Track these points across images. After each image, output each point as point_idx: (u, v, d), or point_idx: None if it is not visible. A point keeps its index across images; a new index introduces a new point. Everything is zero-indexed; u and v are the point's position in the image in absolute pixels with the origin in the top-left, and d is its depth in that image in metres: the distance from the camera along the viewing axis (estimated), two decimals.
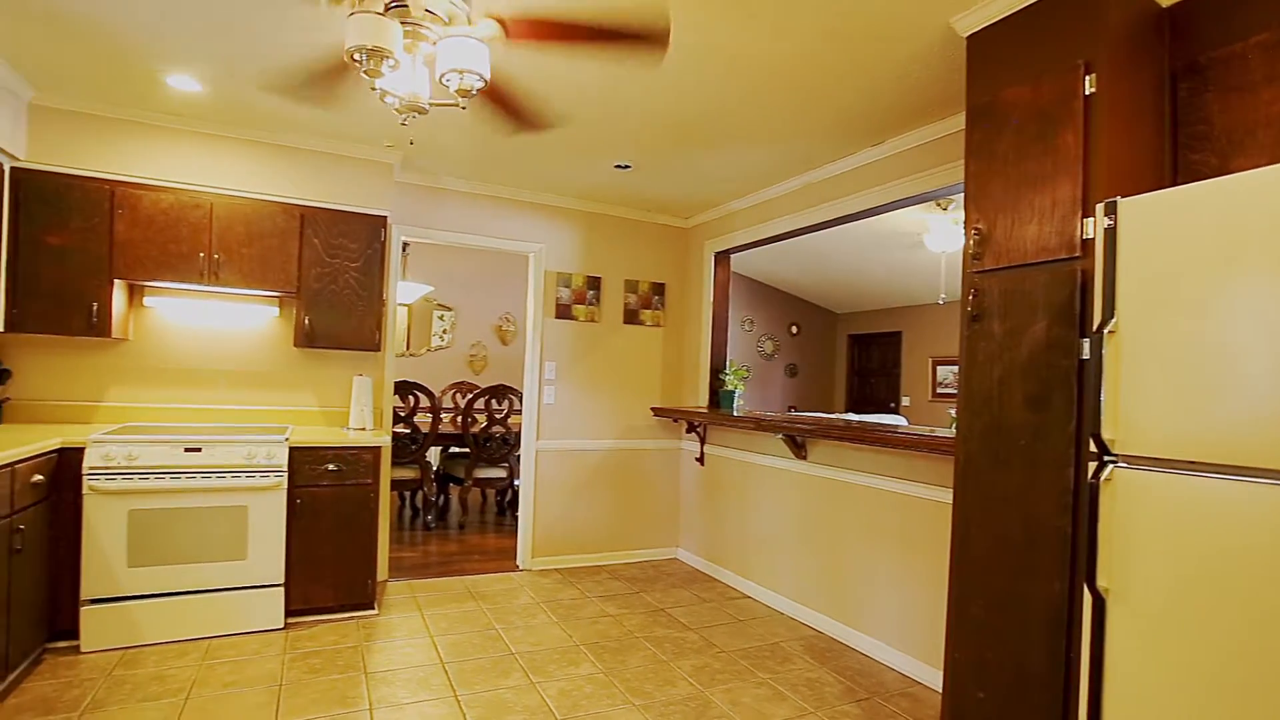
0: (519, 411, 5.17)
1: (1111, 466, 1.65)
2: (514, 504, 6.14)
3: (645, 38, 2.35)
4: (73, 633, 2.98)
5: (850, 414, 8.23)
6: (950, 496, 2.75)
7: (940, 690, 2.73)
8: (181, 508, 3.11)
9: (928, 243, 5.60)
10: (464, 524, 5.81)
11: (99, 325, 3.30)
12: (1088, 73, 1.87)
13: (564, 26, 2.23)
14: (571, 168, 4.03)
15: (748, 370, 4.96)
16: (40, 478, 2.77)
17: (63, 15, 2.49)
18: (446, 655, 3.14)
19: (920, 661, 3.07)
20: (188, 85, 3.04)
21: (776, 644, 3.43)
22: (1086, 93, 1.86)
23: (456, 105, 2.04)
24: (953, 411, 2.75)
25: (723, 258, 4.91)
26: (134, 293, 3.62)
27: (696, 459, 4.83)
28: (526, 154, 3.82)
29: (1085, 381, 1.81)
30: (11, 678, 2.64)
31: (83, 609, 2.97)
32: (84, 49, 2.77)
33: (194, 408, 3.76)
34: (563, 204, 4.73)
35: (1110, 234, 1.68)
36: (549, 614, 3.74)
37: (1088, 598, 1.67)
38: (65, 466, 2.96)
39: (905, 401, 8.53)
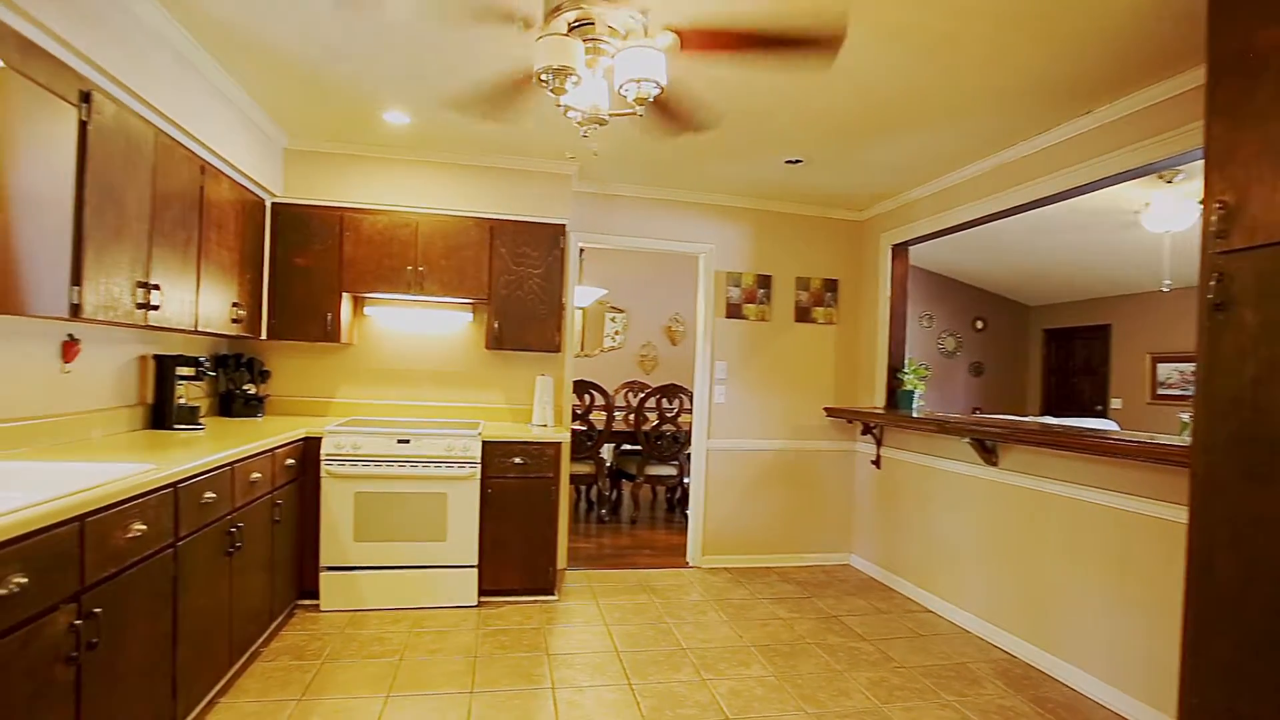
0: (689, 410, 5.24)
1: None
2: (684, 501, 6.23)
3: (818, 43, 2.30)
4: (314, 593, 3.48)
5: (1047, 417, 7.41)
6: (1180, 514, 2.40)
7: None
8: (394, 492, 3.52)
9: (1145, 222, 4.90)
10: (635, 519, 6.00)
11: (332, 332, 3.84)
12: None
13: (738, 36, 2.23)
14: (741, 166, 4.02)
15: (928, 369, 4.65)
16: (291, 461, 3.28)
17: (316, 77, 2.99)
18: (621, 644, 3.26)
19: (1138, 701, 2.70)
20: (399, 119, 3.45)
21: (963, 664, 3.19)
22: None
23: (634, 113, 2.12)
24: (1184, 416, 2.38)
25: (900, 250, 4.64)
26: (357, 303, 4.16)
27: (872, 462, 4.61)
28: (695, 156, 3.87)
29: None
30: (273, 626, 3.15)
31: (322, 574, 3.47)
32: (326, 101, 3.26)
33: (403, 404, 4.25)
34: (732, 203, 4.73)
35: None
36: (719, 612, 3.76)
37: None
38: (308, 453, 3.47)
39: (1115, 404, 7.51)
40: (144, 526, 1.94)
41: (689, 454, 4.96)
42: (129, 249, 2.39)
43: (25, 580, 1.47)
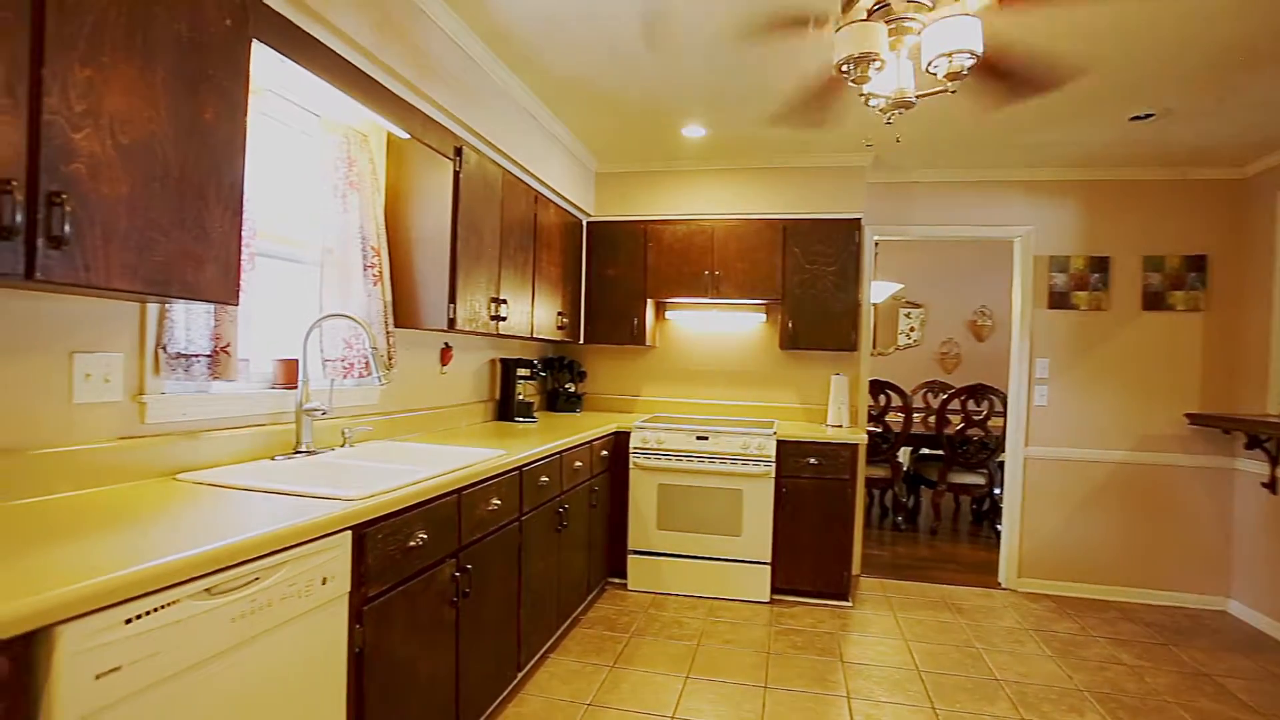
0: (1000, 414, 4.70)
1: None
2: (993, 514, 5.59)
3: None
4: (622, 573, 3.85)
5: None
6: None
7: None
8: (694, 486, 3.73)
9: None
10: (936, 529, 5.54)
11: (638, 335, 4.22)
12: None
13: None
14: (1065, 132, 3.46)
15: None
16: (605, 453, 3.68)
17: (625, 108, 3.33)
18: (921, 663, 3.04)
19: None
20: (696, 132, 3.64)
21: None
22: None
23: (945, 90, 1.96)
24: None
25: None
26: (659, 308, 4.51)
27: (1264, 484, 3.63)
28: (1010, 127, 3.42)
29: None
30: (590, 598, 3.57)
31: (629, 556, 3.82)
32: (632, 126, 3.59)
33: (700, 402, 4.48)
34: (1054, 177, 4.10)
35: None
36: (1040, 645, 3.29)
37: None
38: (618, 445, 3.84)
39: None
40: (499, 501, 2.33)
41: (1001, 462, 4.43)
42: (485, 271, 2.89)
43: (426, 536, 1.87)
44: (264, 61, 1.86)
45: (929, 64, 1.91)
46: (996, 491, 5.09)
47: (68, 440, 1.58)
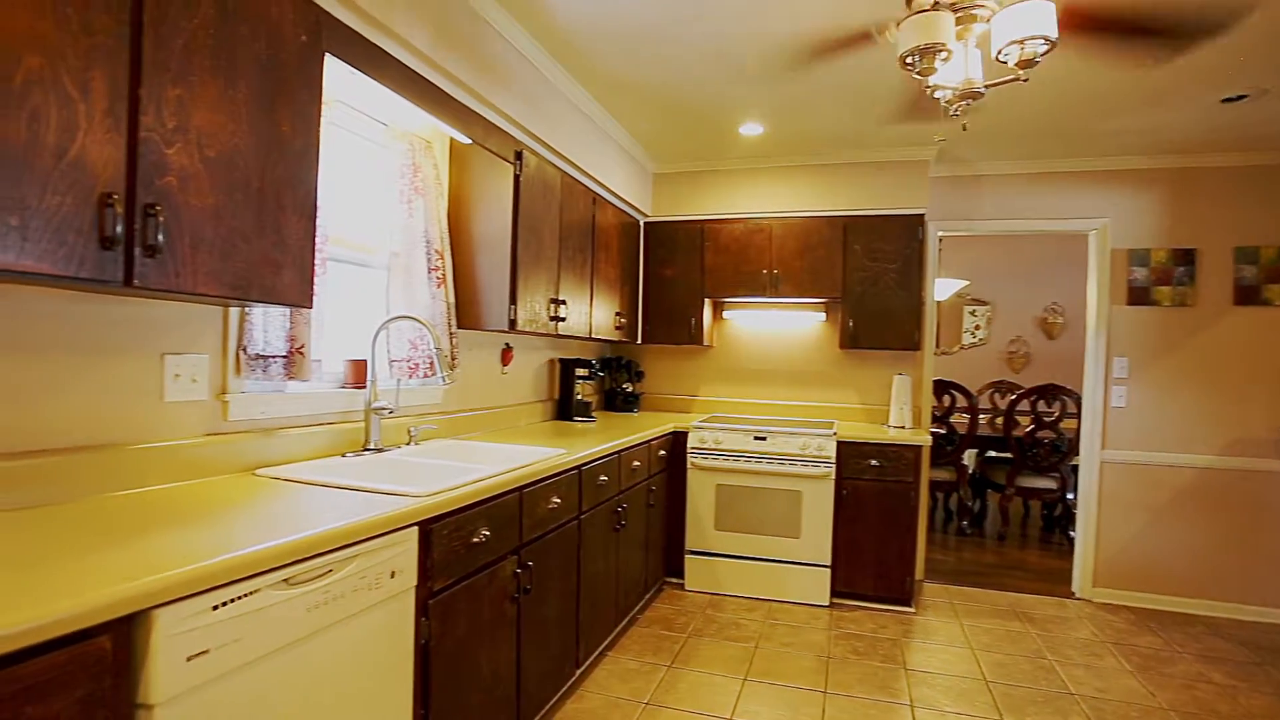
0: (1073, 415, 4.49)
1: None
2: (1064, 520, 5.35)
3: None
4: (679, 573, 3.85)
5: None
6: None
7: None
8: (751, 486, 3.69)
9: None
10: (1004, 535, 5.34)
11: (695, 335, 4.20)
12: None
13: None
14: (1150, 118, 3.27)
15: None
16: (663, 452, 3.68)
17: (682, 109, 3.33)
18: (989, 673, 2.93)
19: None
20: (753, 130, 3.61)
21: None
22: None
23: (1017, 79, 1.88)
24: None
25: None
26: (717, 308, 4.48)
27: None
28: (1087, 113, 3.25)
29: None
30: (647, 597, 3.58)
31: (686, 556, 3.82)
32: (687, 126, 3.59)
33: (757, 402, 4.44)
34: (1134, 165, 3.89)
35: None
36: (1119, 659, 3.13)
37: None
38: (676, 445, 3.84)
39: None
40: (559, 500, 2.36)
41: (1074, 465, 4.23)
42: (544, 272, 2.94)
43: (489, 533, 1.91)
44: (335, 73, 1.93)
45: (999, 52, 1.84)
46: (1069, 496, 4.87)
47: (159, 436, 1.68)
